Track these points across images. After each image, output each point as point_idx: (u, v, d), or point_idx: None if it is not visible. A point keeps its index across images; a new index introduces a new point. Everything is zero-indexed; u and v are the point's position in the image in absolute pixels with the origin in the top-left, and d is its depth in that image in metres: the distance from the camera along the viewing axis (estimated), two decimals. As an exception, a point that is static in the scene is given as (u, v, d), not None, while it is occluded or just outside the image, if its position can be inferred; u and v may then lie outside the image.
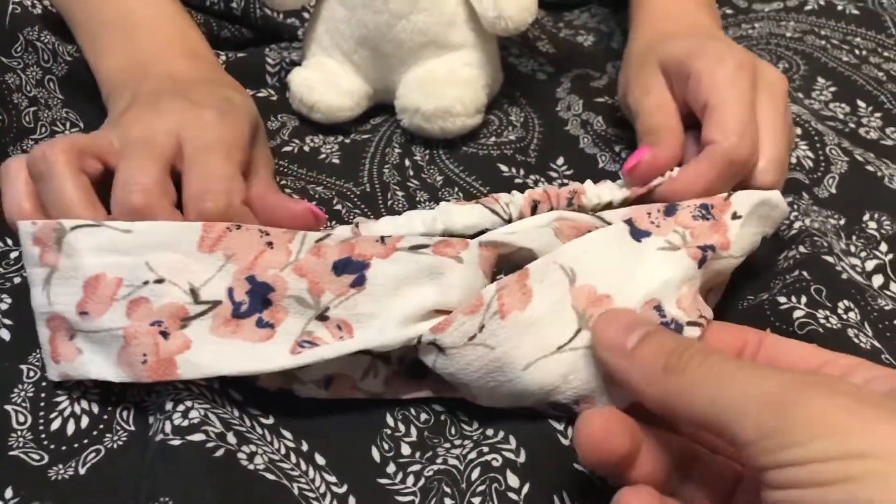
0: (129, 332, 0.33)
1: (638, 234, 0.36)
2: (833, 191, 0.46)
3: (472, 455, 0.34)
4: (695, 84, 0.42)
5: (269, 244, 0.35)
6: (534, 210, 0.40)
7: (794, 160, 0.47)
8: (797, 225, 0.42)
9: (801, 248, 0.41)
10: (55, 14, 0.51)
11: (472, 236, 0.37)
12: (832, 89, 0.55)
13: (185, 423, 0.32)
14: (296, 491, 0.32)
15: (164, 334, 0.33)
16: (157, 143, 0.37)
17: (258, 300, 0.34)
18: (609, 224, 0.37)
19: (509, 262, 0.36)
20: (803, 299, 0.38)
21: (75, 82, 0.50)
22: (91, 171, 0.36)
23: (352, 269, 0.34)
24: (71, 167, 0.35)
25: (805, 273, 0.39)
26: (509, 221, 0.39)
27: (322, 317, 0.34)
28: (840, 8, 0.62)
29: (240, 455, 0.32)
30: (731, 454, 0.31)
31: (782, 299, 0.39)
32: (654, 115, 0.43)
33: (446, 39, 0.49)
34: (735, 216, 0.37)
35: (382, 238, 0.35)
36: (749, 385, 0.26)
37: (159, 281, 0.33)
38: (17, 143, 0.46)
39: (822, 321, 0.37)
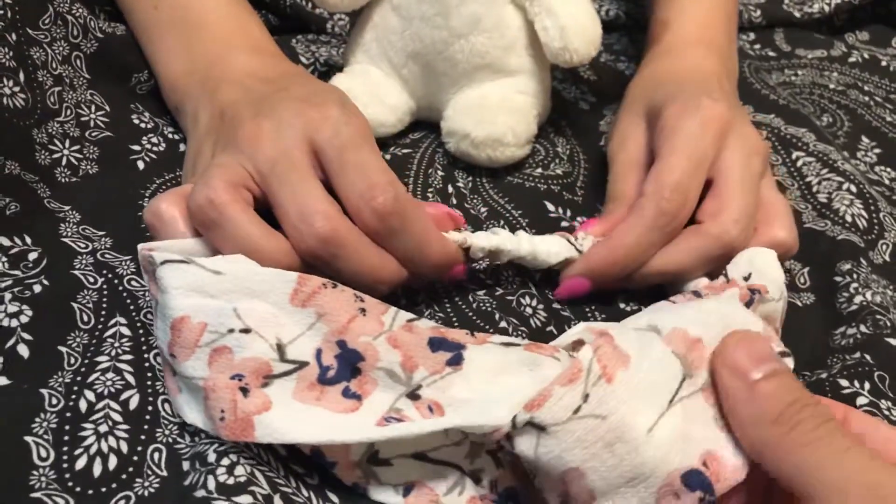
0: (209, 385, 0.30)
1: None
2: (887, 258, 0.45)
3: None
4: (658, 132, 0.41)
5: (363, 310, 0.32)
6: None
7: (848, 219, 0.46)
8: (858, 300, 0.41)
9: (863, 328, 0.39)
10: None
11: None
12: (877, 151, 0.54)
13: (231, 480, 0.30)
14: (347, 564, 0.30)
15: (244, 391, 0.30)
16: (297, 158, 0.35)
17: (347, 368, 0.31)
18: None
19: None
20: (867, 385, 0.37)
21: (104, 61, 0.47)
22: (249, 203, 0.34)
23: (448, 347, 0.32)
24: (240, 205, 0.33)
25: (868, 357, 0.38)
26: (579, 253, 0.40)
27: (413, 395, 0.31)
28: (884, 63, 0.62)
29: (289, 523, 0.30)
30: None
31: (844, 382, 0.37)
32: (618, 180, 0.43)
33: (503, 64, 0.47)
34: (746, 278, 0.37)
35: (472, 332, 0.33)
36: (857, 470, 0.25)
37: (245, 331, 0.31)
38: (42, 126, 0.42)
39: (886, 412, 0.36)
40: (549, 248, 0.40)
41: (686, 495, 0.29)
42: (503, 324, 0.40)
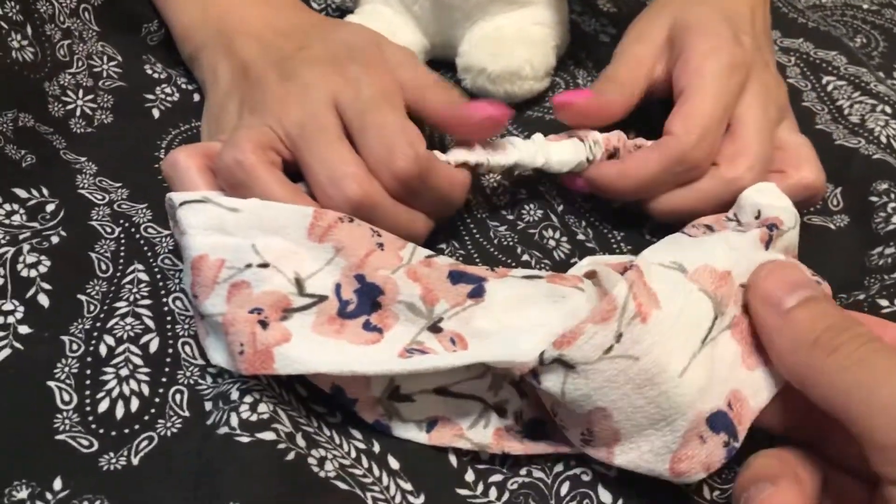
0: (227, 320, 0.30)
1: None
2: (928, 180, 0.44)
3: (559, 468, 0.31)
4: (682, 64, 0.40)
5: (380, 245, 0.32)
6: (611, 157, 0.40)
7: (884, 140, 0.44)
8: (895, 219, 0.39)
9: (902, 248, 0.38)
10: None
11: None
12: (914, 70, 0.52)
13: (255, 417, 0.30)
14: (370, 501, 0.29)
15: (263, 324, 0.30)
16: (325, 121, 0.34)
17: (367, 302, 0.31)
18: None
19: None
20: (906, 304, 0.36)
21: (112, 13, 0.46)
22: (277, 165, 0.34)
23: (469, 280, 0.31)
24: (267, 167, 0.33)
25: (907, 276, 0.37)
26: (590, 161, 0.39)
27: (435, 328, 0.31)
28: (920, -20, 0.59)
29: (310, 460, 0.29)
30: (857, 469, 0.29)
31: (884, 302, 0.36)
32: (621, 66, 0.42)
33: (518, -6, 0.45)
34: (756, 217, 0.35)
35: (491, 267, 0.33)
36: None
37: (263, 265, 0.30)
38: (54, 78, 0.42)
39: (927, 330, 0.35)
40: (561, 157, 0.39)
41: (711, 438, 0.28)
42: (525, 257, 0.39)
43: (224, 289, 0.30)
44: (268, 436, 0.29)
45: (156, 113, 0.45)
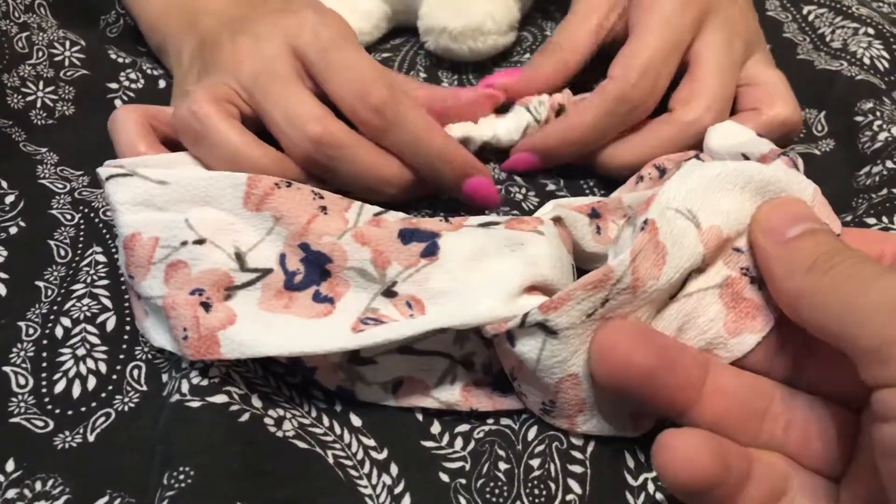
0: (168, 303, 0.28)
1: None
2: (914, 96, 0.42)
3: (526, 414, 0.30)
4: (635, 6, 0.38)
5: (323, 209, 0.30)
6: (558, 113, 0.39)
7: (867, 61, 0.42)
8: (882, 136, 0.37)
9: (889, 164, 0.36)
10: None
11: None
12: (900, -9, 0.50)
13: (205, 382, 0.28)
14: (330, 459, 0.28)
15: (206, 305, 0.28)
16: (280, 68, 0.34)
17: (315, 271, 0.30)
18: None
19: None
20: None
21: (69, 6, 0.45)
22: (235, 117, 0.33)
23: (421, 238, 0.29)
24: (223, 116, 0.32)
25: (895, 190, 0.35)
26: (538, 122, 0.38)
27: (389, 292, 0.29)
28: None
29: (266, 420, 0.28)
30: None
31: (871, 220, 0.34)
32: (563, 33, 0.40)
33: (473, -52, 0.44)
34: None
35: (446, 217, 0.31)
36: (887, 290, 0.22)
37: (199, 241, 0.29)
38: (13, 70, 0.42)
39: (918, 245, 0.33)
40: (507, 125, 0.38)
41: None
42: (493, 217, 0.37)
43: (161, 269, 0.29)
44: (219, 399, 0.28)
45: (118, 103, 0.44)
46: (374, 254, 0.29)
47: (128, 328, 0.33)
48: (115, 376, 0.31)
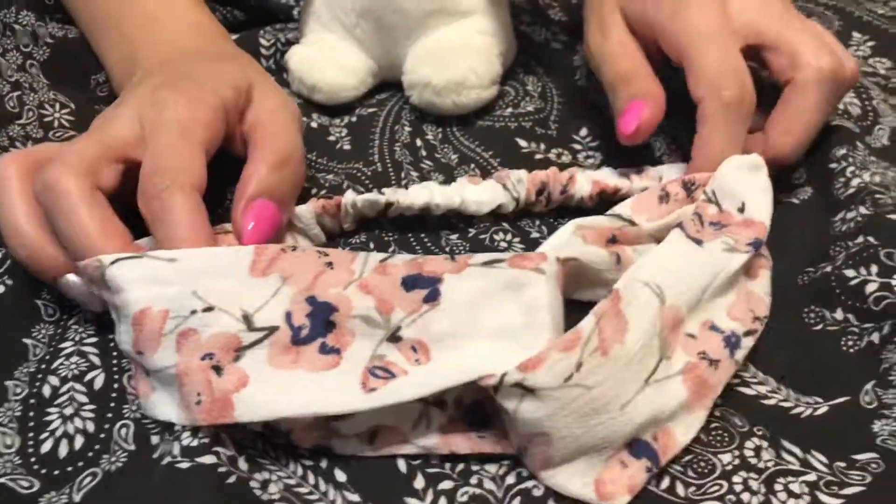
0: (181, 370, 0.29)
1: (695, 241, 0.34)
2: (885, 142, 0.43)
3: (511, 479, 0.30)
4: (660, 31, 0.39)
5: (329, 264, 0.31)
6: (540, 192, 0.39)
7: (840, 107, 0.43)
8: (855, 182, 0.38)
9: (863, 209, 0.37)
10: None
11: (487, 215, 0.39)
12: (870, 44, 0.51)
13: (195, 442, 0.29)
14: (316, 517, 0.28)
15: (217, 369, 0.29)
16: (114, 135, 0.34)
17: (320, 323, 0.30)
18: (627, 221, 0.35)
19: None
20: (874, 269, 0.34)
21: (60, 66, 0.46)
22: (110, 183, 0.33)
23: (423, 284, 0.30)
24: (83, 193, 0.32)
25: (871, 238, 0.35)
26: (517, 200, 0.39)
27: (394, 338, 0.30)
28: (871, -43, 0.58)
29: (252, 483, 0.28)
30: None
31: (850, 273, 0.35)
32: (620, 60, 0.40)
33: (455, 5, 0.45)
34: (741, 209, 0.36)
35: (452, 255, 0.32)
36: None
37: (208, 309, 0.29)
38: (3, 130, 0.42)
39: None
40: (479, 196, 0.39)
41: (632, 463, 0.29)
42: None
43: (172, 340, 0.29)
44: (208, 459, 0.28)
45: (107, 160, 0.45)
46: (378, 302, 0.30)
47: (115, 386, 0.33)
48: (102, 435, 0.31)
